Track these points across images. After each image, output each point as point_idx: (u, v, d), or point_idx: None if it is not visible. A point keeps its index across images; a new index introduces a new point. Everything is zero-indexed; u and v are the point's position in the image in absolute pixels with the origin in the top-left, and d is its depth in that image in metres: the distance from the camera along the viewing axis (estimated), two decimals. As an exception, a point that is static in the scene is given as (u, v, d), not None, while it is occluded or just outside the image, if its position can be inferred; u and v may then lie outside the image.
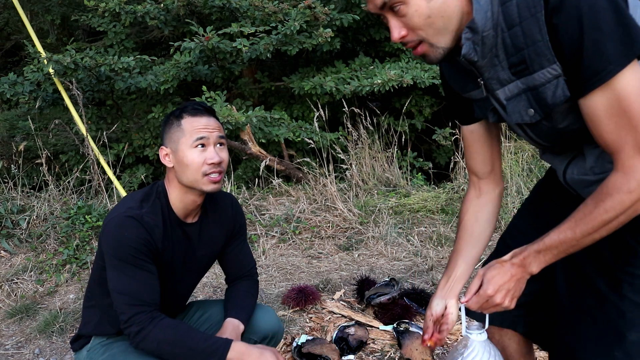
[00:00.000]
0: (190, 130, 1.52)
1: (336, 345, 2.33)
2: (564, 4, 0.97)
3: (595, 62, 0.96)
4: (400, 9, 1.05)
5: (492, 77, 1.12)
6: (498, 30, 1.06)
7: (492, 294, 1.11)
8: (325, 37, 4.10)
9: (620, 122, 0.99)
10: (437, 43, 1.08)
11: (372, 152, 4.44)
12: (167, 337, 1.47)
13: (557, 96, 1.05)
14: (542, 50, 1.01)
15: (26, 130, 5.06)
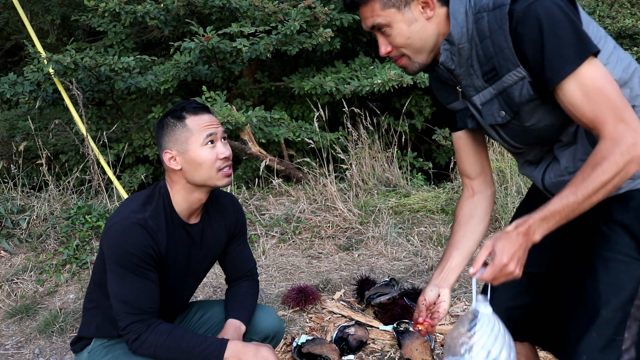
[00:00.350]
0: (197, 128, 1.51)
1: (336, 345, 2.33)
2: (526, 16, 1.14)
3: (556, 63, 1.13)
4: (386, 30, 1.26)
5: (469, 85, 1.31)
6: (472, 43, 1.25)
7: (507, 262, 1.14)
8: (325, 37, 4.10)
9: (595, 100, 1.12)
10: (415, 59, 1.30)
11: (372, 152, 4.44)
12: (163, 343, 1.48)
13: (522, 95, 1.22)
14: (507, 56, 1.19)
15: (26, 130, 5.06)
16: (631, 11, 6.50)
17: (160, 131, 1.56)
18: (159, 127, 1.57)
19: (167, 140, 1.55)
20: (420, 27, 1.25)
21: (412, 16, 1.25)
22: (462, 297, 2.81)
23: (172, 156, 1.54)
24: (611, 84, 1.14)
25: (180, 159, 1.53)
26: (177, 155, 1.53)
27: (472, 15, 1.23)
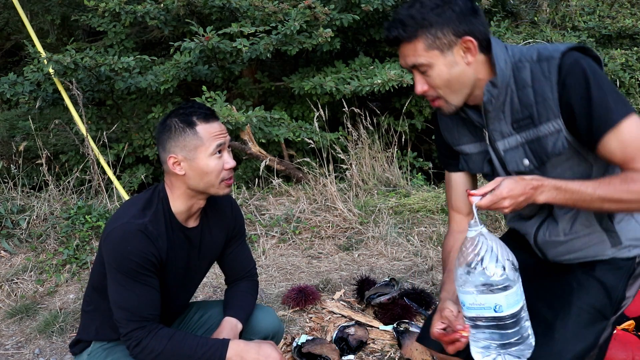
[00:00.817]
0: (208, 137, 1.49)
1: (336, 345, 2.33)
2: (573, 70, 1.22)
3: (603, 113, 1.21)
4: (427, 71, 1.29)
5: (496, 129, 1.36)
6: (508, 90, 1.30)
7: (505, 196, 1.21)
8: (325, 37, 4.10)
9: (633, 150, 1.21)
10: (451, 101, 1.33)
11: (372, 152, 4.44)
12: (164, 349, 1.47)
13: (556, 147, 1.28)
14: (550, 106, 1.26)
15: (26, 130, 5.06)
16: (631, 11, 6.50)
17: (165, 133, 1.52)
18: (163, 128, 1.53)
19: (173, 145, 1.51)
20: (460, 71, 1.29)
21: (453, 59, 1.28)
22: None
23: (178, 161, 1.51)
24: None
25: (185, 165, 1.51)
26: (183, 161, 1.51)
27: (511, 63, 1.29)
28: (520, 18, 6.41)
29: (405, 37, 1.27)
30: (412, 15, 1.26)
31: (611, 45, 5.87)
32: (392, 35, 1.29)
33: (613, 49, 5.49)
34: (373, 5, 4.33)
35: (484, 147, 1.41)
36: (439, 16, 1.25)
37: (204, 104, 1.56)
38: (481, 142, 1.42)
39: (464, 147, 1.47)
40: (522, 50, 1.32)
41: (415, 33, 1.26)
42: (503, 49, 1.31)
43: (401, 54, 1.31)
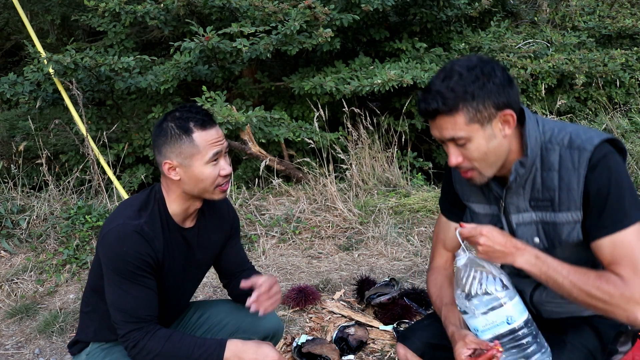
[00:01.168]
0: (204, 146, 1.47)
1: (336, 345, 2.33)
2: (599, 164, 1.24)
3: (616, 212, 1.23)
4: (465, 144, 1.27)
5: (512, 203, 1.36)
6: (532, 168, 1.31)
7: (484, 234, 1.26)
8: (325, 37, 4.10)
9: (625, 259, 1.23)
10: (485, 173, 1.31)
11: (372, 152, 4.43)
12: (162, 350, 1.47)
13: (571, 236, 1.29)
14: (574, 197, 1.26)
15: (26, 130, 5.06)
16: (631, 11, 6.50)
17: (161, 138, 1.50)
18: (159, 132, 1.51)
19: (168, 150, 1.49)
20: (498, 143, 1.27)
21: (492, 132, 1.26)
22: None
23: (173, 167, 1.50)
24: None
25: (180, 171, 1.50)
26: (178, 167, 1.50)
27: (541, 142, 1.29)
28: (520, 18, 6.41)
29: (445, 110, 1.23)
30: (452, 87, 1.22)
31: (611, 45, 5.88)
32: (431, 107, 1.24)
33: (613, 49, 5.49)
34: (373, 5, 4.33)
35: (494, 211, 1.42)
36: (481, 89, 1.22)
37: (201, 108, 1.53)
38: (491, 205, 1.43)
39: (474, 205, 1.47)
40: (554, 129, 1.31)
41: (457, 106, 1.23)
42: (535, 124, 1.31)
43: (437, 126, 1.27)
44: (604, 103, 5.31)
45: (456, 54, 4.99)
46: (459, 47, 5.06)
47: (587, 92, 5.38)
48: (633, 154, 4.17)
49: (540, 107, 4.99)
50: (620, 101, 5.40)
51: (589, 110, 5.35)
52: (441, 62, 4.84)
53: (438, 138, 1.30)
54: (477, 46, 5.05)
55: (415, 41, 5.00)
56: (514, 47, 5.00)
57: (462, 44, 5.08)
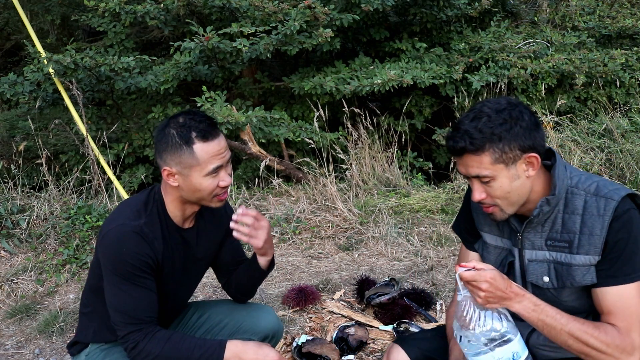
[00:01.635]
0: (205, 159, 1.45)
1: (336, 345, 2.33)
2: (623, 216, 1.29)
3: (627, 265, 1.29)
4: (489, 182, 1.32)
5: (529, 239, 1.40)
6: (555, 209, 1.35)
7: (487, 280, 1.28)
8: (325, 37, 4.10)
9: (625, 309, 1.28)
10: (507, 211, 1.36)
11: (372, 152, 4.43)
12: (161, 351, 1.47)
13: (585, 279, 1.33)
14: (595, 242, 1.30)
15: (26, 130, 5.06)
16: (631, 11, 6.49)
17: (162, 144, 1.49)
18: (161, 137, 1.49)
19: (169, 158, 1.48)
20: (521, 184, 1.32)
21: (516, 173, 1.31)
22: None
23: (172, 173, 1.49)
24: None
25: (179, 178, 1.49)
26: (177, 174, 1.49)
27: (567, 186, 1.35)
28: (520, 18, 6.41)
29: (472, 149, 1.29)
30: (480, 129, 1.28)
31: (611, 45, 5.87)
32: (459, 146, 1.30)
33: (613, 49, 5.48)
34: (373, 5, 4.33)
35: (506, 245, 1.46)
36: (508, 132, 1.28)
37: (206, 116, 1.49)
38: (503, 239, 1.46)
39: (487, 235, 1.51)
40: (581, 177, 1.36)
41: (483, 147, 1.28)
42: (563, 169, 1.36)
43: (463, 163, 1.33)
44: (604, 103, 5.30)
45: (456, 54, 4.99)
46: (459, 47, 5.06)
47: (587, 92, 5.38)
48: (633, 154, 4.17)
49: (540, 107, 4.99)
50: (620, 101, 5.39)
51: (589, 110, 5.35)
52: (441, 62, 4.84)
53: (464, 174, 1.36)
54: (477, 46, 5.05)
55: (415, 41, 5.00)
56: (514, 47, 5.00)
57: (462, 44, 5.08)
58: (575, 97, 5.36)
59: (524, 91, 5.11)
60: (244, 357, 1.49)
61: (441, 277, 3.04)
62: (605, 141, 4.47)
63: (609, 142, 4.44)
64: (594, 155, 4.30)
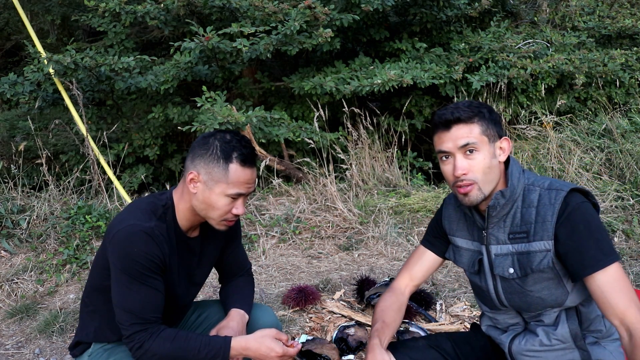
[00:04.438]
0: (234, 181, 1.48)
1: (336, 345, 2.33)
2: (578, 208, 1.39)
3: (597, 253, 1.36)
4: (474, 152, 1.42)
5: (493, 234, 1.51)
6: (514, 205, 1.48)
7: None
8: (325, 37, 4.10)
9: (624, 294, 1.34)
10: (483, 189, 1.45)
11: (372, 152, 4.44)
12: (166, 351, 1.47)
13: (542, 264, 1.43)
14: (547, 228, 1.41)
15: (26, 130, 5.07)
16: (631, 11, 6.50)
17: (201, 150, 1.51)
18: (203, 143, 1.52)
19: (201, 164, 1.50)
20: (496, 164, 1.46)
21: (493, 152, 1.45)
22: (462, 297, 2.81)
23: (195, 179, 1.51)
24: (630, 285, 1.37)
25: (200, 187, 1.51)
26: (201, 183, 1.50)
27: (524, 184, 1.48)
28: (520, 18, 6.41)
29: (465, 118, 1.42)
30: (468, 106, 1.44)
31: (611, 45, 5.88)
32: (454, 115, 1.42)
33: (613, 49, 5.49)
34: (373, 5, 4.33)
35: (477, 247, 1.57)
36: (490, 113, 1.46)
37: (251, 146, 1.53)
38: (474, 241, 1.58)
39: (458, 240, 1.62)
40: (537, 177, 1.50)
41: (474, 117, 1.43)
42: (519, 169, 1.50)
43: (451, 136, 1.43)
44: (604, 103, 5.31)
45: (456, 54, 4.99)
46: (459, 47, 5.06)
47: (587, 92, 5.38)
48: (633, 154, 4.17)
49: (540, 107, 4.99)
50: (620, 101, 5.40)
51: (589, 110, 5.35)
52: (441, 62, 4.84)
53: (449, 149, 1.44)
54: (477, 46, 5.05)
55: (415, 41, 5.00)
56: (513, 47, 5.00)
57: (462, 44, 5.09)
58: (575, 97, 5.37)
59: (524, 91, 5.11)
60: (248, 353, 1.50)
61: (441, 277, 3.04)
62: (605, 141, 4.47)
63: (609, 142, 4.44)
64: (593, 155, 4.30)
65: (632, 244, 3.26)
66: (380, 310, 1.65)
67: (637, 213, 3.60)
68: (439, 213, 1.70)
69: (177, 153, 4.97)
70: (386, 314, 1.63)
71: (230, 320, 1.66)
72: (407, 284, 1.70)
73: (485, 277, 1.56)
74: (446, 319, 2.61)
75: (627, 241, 3.30)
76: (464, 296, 2.81)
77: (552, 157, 4.26)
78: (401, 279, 1.71)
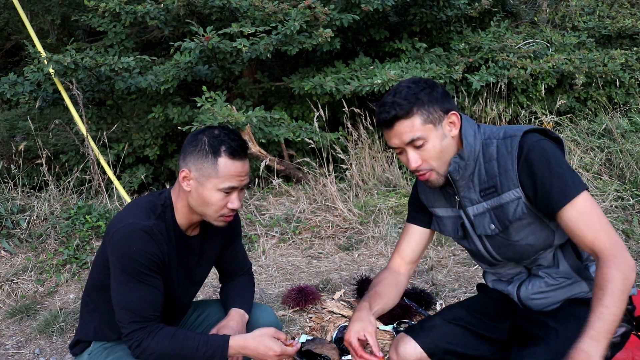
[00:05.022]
0: (224, 174, 1.47)
1: (336, 345, 2.33)
2: (534, 148, 1.38)
3: (561, 187, 1.36)
4: (423, 144, 1.41)
5: (466, 197, 1.51)
6: (477, 163, 1.47)
7: None
8: (325, 37, 4.10)
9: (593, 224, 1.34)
10: (441, 172, 1.45)
11: (372, 152, 4.44)
12: (165, 349, 1.48)
13: (517, 212, 1.43)
14: (511, 176, 1.41)
15: (26, 130, 5.07)
16: (631, 11, 6.50)
17: (191, 147, 1.51)
18: (192, 140, 1.52)
19: (191, 161, 1.50)
20: (448, 142, 1.44)
21: (443, 133, 1.43)
22: (462, 297, 2.81)
23: (188, 177, 1.51)
24: (600, 212, 1.36)
25: (193, 184, 1.51)
26: (193, 180, 1.50)
27: (481, 140, 1.47)
28: (520, 18, 6.41)
29: (402, 114, 1.39)
30: (405, 96, 1.40)
31: (611, 45, 5.88)
32: (391, 114, 1.39)
33: (613, 49, 5.49)
34: (373, 5, 4.34)
35: (456, 213, 1.57)
36: (429, 95, 1.41)
37: (241, 138, 1.52)
38: (453, 207, 1.57)
39: (438, 210, 1.62)
40: (492, 129, 1.49)
41: (412, 110, 1.39)
42: (474, 126, 1.48)
43: (396, 133, 1.41)
44: (604, 103, 5.31)
45: (456, 54, 4.99)
46: (458, 47, 5.07)
47: (587, 92, 5.38)
48: (633, 154, 4.17)
49: (540, 107, 4.99)
50: (620, 101, 5.40)
51: (589, 110, 5.35)
52: (441, 62, 4.85)
53: (397, 145, 1.43)
54: (476, 46, 5.05)
55: (415, 41, 5.00)
56: (513, 47, 5.00)
57: (462, 44, 5.09)
58: (575, 97, 5.37)
59: (524, 91, 5.11)
60: (247, 352, 1.50)
61: (441, 277, 3.04)
62: (605, 141, 4.47)
63: (609, 142, 4.44)
64: (593, 155, 4.30)
65: (632, 244, 3.26)
66: (373, 284, 1.65)
67: (637, 213, 3.60)
68: (414, 189, 1.70)
69: (177, 153, 4.97)
70: (379, 285, 1.63)
71: (230, 319, 1.67)
72: (399, 264, 1.69)
73: (472, 239, 1.56)
74: (446, 319, 2.61)
75: (627, 241, 3.30)
76: (464, 296, 2.81)
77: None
78: (393, 260, 1.70)
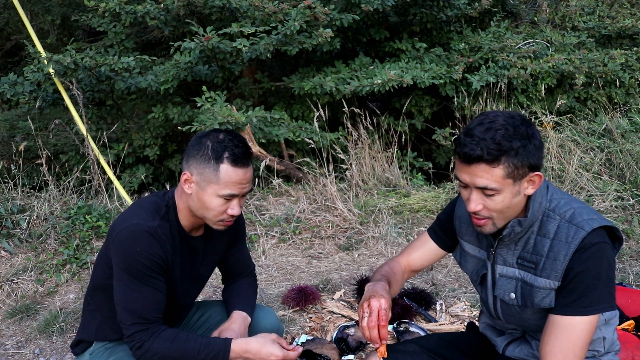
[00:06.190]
0: (225, 181, 1.46)
1: (336, 345, 2.33)
2: (591, 248, 1.28)
3: (583, 297, 1.29)
4: (493, 194, 1.28)
5: (501, 255, 1.43)
6: (529, 230, 1.37)
7: None
8: (325, 37, 4.10)
9: (560, 344, 1.29)
10: (498, 224, 1.35)
11: (372, 152, 4.44)
12: (166, 352, 1.48)
13: (544, 302, 1.35)
14: (557, 268, 1.31)
15: (26, 130, 5.07)
16: (631, 11, 6.50)
17: (194, 150, 1.50)
18: (196, 143, 1.50)
19: (193, 164, 1.49)
20: (519, 200, 1.32)
21: (519, 190, 1.30)
22: (462, 297, 2.81)
23: (189, 180, 1.50)
24: (584, 343, 1.30)
25: (194, 188, 1.50)
26: (194, 183, 1.49)
27: (544, 209, 1.35)
28: (520, 18, 6.41)
29: (488, 160, 1.24)
30: (499, 141, 1.24)
31: (611, 45, 5.88)
32: (476, 154, 1.24)
33: (613, 49, 5.49)
34: (373, 5, 4.33)
35: (482, 256, 1.49)
36: (524, 148, 1.25)
37: (245, 144, 1.50)
38: (481, 250, 1.49)
39: (466, 244, 1.53)
40: (561, 201, 1.36)
41: (499, 159, 1.24)
42: (544, 191, 1.36)
43: (471, 171, 1.28)
44: (604, 103, 5.31)
45: (456, 54, 4.99)
46: (459, 47, 5.07)
47: (587, 92, 5.38)
48: (633, 154, 4.18)
49: (540, 107, 4.99)
50: (620, 101, 5.40)
51: (589, 110, 5.35)
52: (441, 62, 4.85)
53: (466, 182, 1.30)
54: (476, 46, 5.05)
55: (415, 41, 5.00)
56: (513, 47, 5.00)
57: (462, 44, 5.09)
58: (575, 97, 5.37)
59: (524, 91, 5.11)
60: (248, 355, 1.50)
61: (441, 277, 3.04)
62: (605, 141, 4.47)
63: (609, 142, 4.44)
64: (593, 155, 4.30)
65: (632, 244, 3.27)
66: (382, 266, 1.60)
67: (637, 213, 3.60)
68: (451, 207, 1.59)
69: (177, 153, 4.97)
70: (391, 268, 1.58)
71: (233, 322, 1.66)
72: (406, 263, 1.64)
73: (487, 291, 1.49)
74: (446, 319, 2.61)
75: (627, 241, 3.30)
76: (464, 296, 2.81)
77: (552, 157, 4.25)
78: (402, 257, 1.65)
